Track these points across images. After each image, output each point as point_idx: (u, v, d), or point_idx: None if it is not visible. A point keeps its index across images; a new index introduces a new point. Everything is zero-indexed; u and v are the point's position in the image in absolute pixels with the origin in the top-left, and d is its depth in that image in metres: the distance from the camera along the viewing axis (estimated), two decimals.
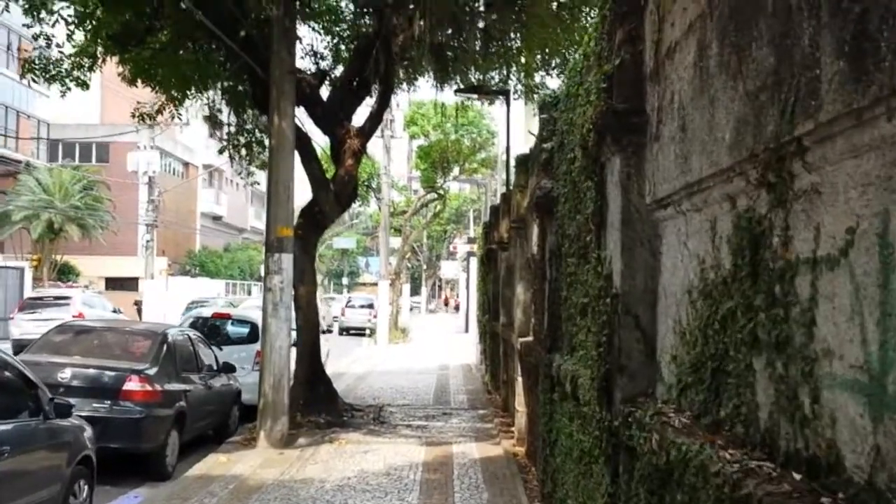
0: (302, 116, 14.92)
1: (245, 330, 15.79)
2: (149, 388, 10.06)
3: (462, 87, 15.49)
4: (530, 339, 10.51)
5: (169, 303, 40.81)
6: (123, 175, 43.88)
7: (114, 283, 49.98)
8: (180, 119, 14.54)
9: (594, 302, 5.11)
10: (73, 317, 25.35)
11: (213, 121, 14.82)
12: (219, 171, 70.68)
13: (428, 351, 32.80)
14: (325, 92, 14.32)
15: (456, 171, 40.28)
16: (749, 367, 2.92)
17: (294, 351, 13.50)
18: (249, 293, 68.53)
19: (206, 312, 16.97)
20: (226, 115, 15.54)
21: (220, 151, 15.35)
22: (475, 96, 16.19)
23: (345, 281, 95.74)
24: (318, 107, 13.67)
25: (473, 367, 25.42)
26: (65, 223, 41.14)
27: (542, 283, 7.99)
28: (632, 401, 4.26)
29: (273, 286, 11.55)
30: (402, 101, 55.75)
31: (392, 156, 35.31)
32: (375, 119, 13.97)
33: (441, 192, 40.54)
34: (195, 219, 66.31)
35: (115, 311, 29.66)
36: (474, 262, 28.81)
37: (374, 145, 44.04)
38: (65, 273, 44.91)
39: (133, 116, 14.07)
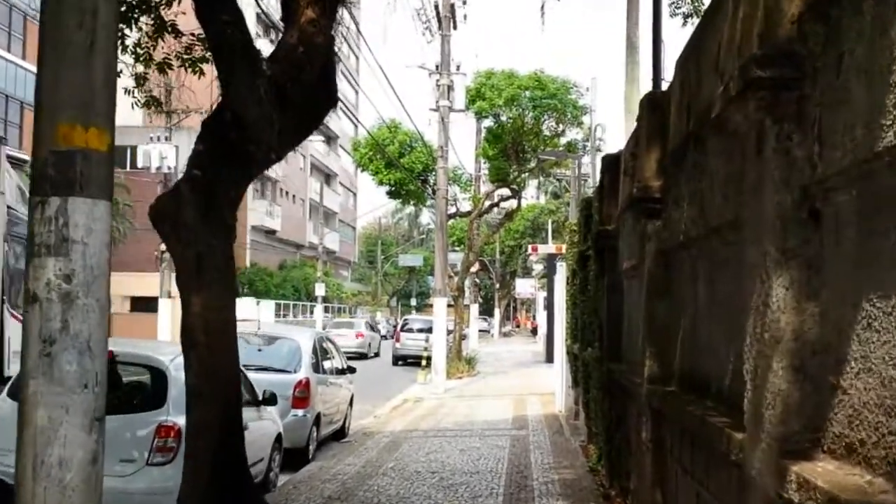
0: None
1: (143, 381, 8.40)
2: None
3: None
4: None
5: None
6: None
7: (139, 304, 43.60)
8: None
9: None
10: None
11: None
12: (272, 181, 64.65)
13: (499, 390, 25.13)
14: None
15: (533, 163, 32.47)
16: None
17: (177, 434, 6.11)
18: (311, 313, 61.16)
19: None
20: None
21: None
22: None
23: (413, 302, 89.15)
24: None
25: (562, 418, 17.68)
26: None
27: None
28: None
29: (39, 290, 4.06)
30: (461, 54, 47.91)
31: (452, 142, 27.82)
32: None
33: (515, 187, 32.33)
34: (244, 233, 60.09)
35: None
36: (560, 272, 20.92)
37: (429, 123, 35.45)
38: None
39: None
